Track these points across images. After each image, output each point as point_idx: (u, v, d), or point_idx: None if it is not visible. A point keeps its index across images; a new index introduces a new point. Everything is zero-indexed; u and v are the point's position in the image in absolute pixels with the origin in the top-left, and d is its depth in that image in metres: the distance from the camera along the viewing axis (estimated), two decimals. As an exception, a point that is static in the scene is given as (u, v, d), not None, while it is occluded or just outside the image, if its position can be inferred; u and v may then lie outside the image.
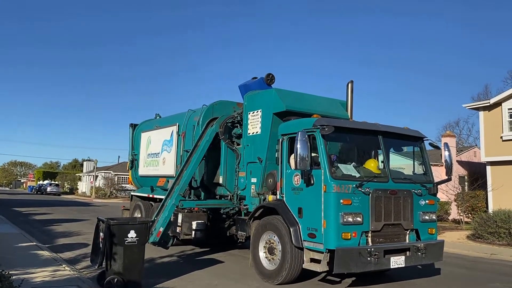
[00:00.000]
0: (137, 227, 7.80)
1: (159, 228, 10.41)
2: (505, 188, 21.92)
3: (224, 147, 10.94)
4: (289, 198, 8.75)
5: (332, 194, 7.89)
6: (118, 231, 7.61)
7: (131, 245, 7.68)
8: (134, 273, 7.71)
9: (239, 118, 11.13)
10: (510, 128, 22.62)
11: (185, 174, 11.01)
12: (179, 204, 10.81)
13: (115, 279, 7.50)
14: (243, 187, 10.51)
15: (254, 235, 9.49)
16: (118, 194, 59.17)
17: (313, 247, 8.19)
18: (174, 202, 10.70)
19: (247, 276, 9.58)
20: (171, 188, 11.13)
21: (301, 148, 7.95)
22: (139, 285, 7.79)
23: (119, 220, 8.17)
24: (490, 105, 23.54)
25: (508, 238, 15.80)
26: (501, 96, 23.26)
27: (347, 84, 10.30)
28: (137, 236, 7.72)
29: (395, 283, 9.30)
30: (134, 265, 7.71)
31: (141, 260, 7.89)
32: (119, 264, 7.57)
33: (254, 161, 10.17)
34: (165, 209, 10.76)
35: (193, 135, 12.07)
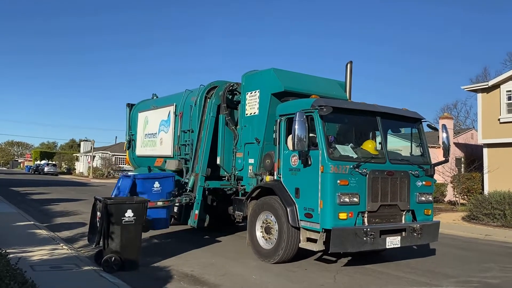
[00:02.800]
0: (134, 206, 7.80)
1: (195, 211, 10.60)
2: (501, 170, 22.02)
3: (222, 127, 10.89)
4: (286, 179, 8.76)
5: (329, 174, 7.91)
6: (115, 211, 7.62)
7: (128, 225, 7.69)
8: (131, 252, 7.76)
9: (236, 86, 11.06)
10: (508, 110, 22.61)
11: (200, 154, 11.01)
12: (205, 184, 10.84)
13: (113, 257, 7.55)
14: (241, 168, 10.52)
15: (251, 215, 9.53)
16: (115, 174, 59.21)
17: (309, 227, 8.24)
18: (200, 184, 10.77)
19: (243, 254, 9.66)
20: (192, 168, 11.21)
21: (299, 129, 7.94)
22: (136, 263, 7.84)
23: (116, 199, 8.17)
24: (488, 87, 23.47)
25: (502, 219, 16.07)
26: (500, 78, 23.21)
27: (346, 64, 10.24)
28: (134, 215, 7.73)
29: (390, 263, 9.39)
30: (131, 244, 7.75)
31: (138, 239, 7.92)
32: (116, 243, 7.62)
33: (251, 142, 10.15)
34: (196, 188, 10.84)
35: (191, 116, 12.01)
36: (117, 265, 7.54)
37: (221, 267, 8.57)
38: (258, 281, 7.68)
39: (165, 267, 8.29)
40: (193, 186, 11.03)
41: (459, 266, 9.44)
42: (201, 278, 7.62)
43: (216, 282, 7.42)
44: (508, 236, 13.85)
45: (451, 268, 9.18)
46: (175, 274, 7.76)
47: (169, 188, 9.98)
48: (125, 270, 7.59)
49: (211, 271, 8.13)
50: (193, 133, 11.83)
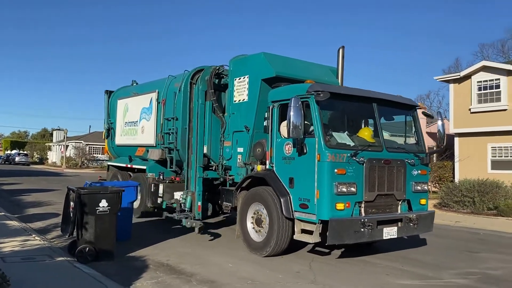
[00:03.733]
0: (108, 196, 7.58)
1: (198, 202, 9.94)
2: (471, 159, 22.17)
3: (208, 114, 10.23)
4: (280, 168, 8.21)
5: (326, 163, 7.40)
6: (89, 200, 7.40)
7: (103, 214, 7.49)
8: (106, 242, 7.55)
9: (223, 69, 10.44)
10: (478, 100, 22.70)
11: (194, 143, 10.34)
12: (204, 175, 10.21)
13: (87, 248, 7.33)
14: (229, 157, 9.91)
15: (241, 206, 8.96)
16: (90, 164, 57.66)
17: (305, 218, 7.73)
18: (199, 175, 10.12)
19: (220, 243, 9.54)
20: (188, 159, 10.56)
21: (294, 116, 7.39)
22: (111, 254, 7.62)
23: (90, 189, 7.86)
24: (460, 77, 23.59)
25: (472, 206, 16.54)
26: (471, 69, 23.31)
27: (338, 50, 9.71)
28: (108, 205, 7.53)
29: (384, 254, 8.99)
30: (106, 234, 7.55)
31: (113, 229, 7.69)
32: (90, 234, 7.42)
33: (240, 130, 9.55)
34: (191, 183, 10.28)
35: (175, 103, 11.30)
36: (91, 256, 7.33)
37: (197, 256, 8.36)
38: (234, 269, 7.51)
39: (141, 256, 8.08)
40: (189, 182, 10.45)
41: (454, 255, 9.10)
42: (177, 267, 7.44)
43: (192, 271, 7.24)
44: (477, 223, 14.10)
45: (433, 256, 8.85)
46: (151, 264, 7.57)
47: (130, 198, 9.48)
48: (100, 261, 7.36)
49: (187, 260, 7.93)
50: (178, 121, 11.15)
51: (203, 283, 6.56)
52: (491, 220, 14.79)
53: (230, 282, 6.64)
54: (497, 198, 16.25)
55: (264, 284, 6.61)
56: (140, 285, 6.36)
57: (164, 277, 6.78)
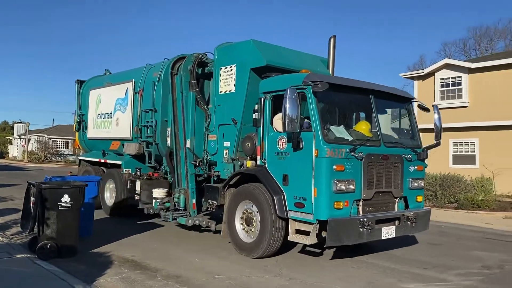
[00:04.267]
0: (71, 191, 7.33)
1: (192, 200, 9.42)
2: (434, 153, 22.29)
3: (192, 106, 9.56)
4: (272, 164, 7.65)
5: (324, 159, 6.89)
6: (50, 195, 7.14)
7: (65, 210, 7.25)
8: (69, 238, 7.32)
9: (206, 57, 9.81)
10: (441, 97, 22.98)
11: (181, 138, 9.72)
12: (195, 171, 9.61)
13: (48, 244, 7.11)
14: (214, 152, 9.28)
15: (229, 204, 8.36)
16: (53, 158, 55.66)
17: (300, 218, 7.21)
18: (191, 172, 9.56)
19: (187, 239, 9.31)
20: (176, 155, 9.91)
21: (291, 108, 6.84)
22: (74, 250, 7.42)
23: (52, 183, 7.62)
24: (424, 74, 24.03)
25: (434, 200, 17.03)
26: (434, 66, 23.79)
27: (329, 39, 9.21)
28: (71, 200, 7.28)
29: (378, 254, 8.56)
30: (68, 230, 7.31)
31: (76, 225, 7.46)
32: (52, 229, 7.18)
33: (227, 123, 8.94)
34: (182, 180, 9.71)
35: (153, 93, 10.60)
36: (53, 252, 7.12)
37: (163, 251, 8.19)
38: (201, 264, 7.38)
39: (105, 252, 7.89)
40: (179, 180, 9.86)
41: (449, 253, 8.79)
42: (143, 263, 7.28)
43: (158, 266, 7.09)
44: (439, 216, 14.09)
45: (427, 256, 8.52)
46: (116, 260, 7.39)
47: (92, 194, 8.95)
48: (62, 257, 7.14)
49: (153, 256, 7.75)
50: (157, 113, 10.48)
51: (169, 278, 6.43)
52: (452, 213, 15.03)
53: (196, 277, 6.55)
54: (457, 192, 16.80)
55: (231, 278, 6.54)
56: (103, 281, 6.15)
57: (129, 273, 6.62)
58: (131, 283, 6.15)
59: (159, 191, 10.42)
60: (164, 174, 10.96)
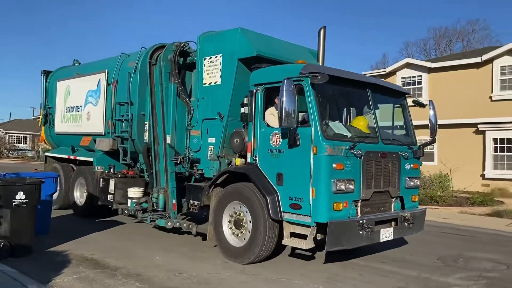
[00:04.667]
0: (26, 188, 7.04)
1: (173, 200, 8.80)
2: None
3: (173, 99, 8.88)
4: (265, 162, 7.10)
5: (324, 157, 6.39)
6: (4, 192, 6.86)
7: (20, 207, 6.97)
8: (24, 237, 7.06)
9: (188, 46, 9.16)
10: (402, 95, 23.32)
11: (160, 133, 9.06)
12: (176, 169, 8.94)
13: (1, 243, 6.85)
14: (197, 149, 8.64)
15: (216, 205, 7.76)
16: (10, 154, 53.20)
17: (296, 220, 6.69)
18: (171, 170, 8.89)
19: (149, 237, 9.05)
20: (154, 152, 9.22)
21: (287, 101, 6.30)
22: (29, 249, 7.16)
23: (6, 180, 7.31)
24: (386, 73, 24.38)
25: None
26: (396, 65, 24.28)
27: (319, 30, 8.73)
28: (26, 197, 7.01)
29: (371, 256, 8.14)
30: (23, 229, 7.04)
31: (31, 223, 7.19)
32: (5, 228, 6.91)
33: (212, 117, 8.32)
34: (161, 179, 9.03)
35: (129, 85, 9.84)
36: (6, 252, 6.85)
37: (124, 249, 7.98)
38: (162, 261, 7.21)
39: (63, 251, 7.62)
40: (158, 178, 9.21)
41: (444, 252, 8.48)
42: (102, 262, 7.07)
43: (118, 264, 6.91)
44: None
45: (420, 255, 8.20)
46: (74, 259, 7.15)
47: (49, 190, 8.66)
48: (17, 257, 6.89)
49: (113, 254, 7.54)
50: (133, 106, 9.74)
51: (129, 277, 6.26)
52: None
53: (157, 275, 6.42)
54: None
55: (192, 276, 6.44)
56: (60, 281, 5.93)
57: (87, 272, 6.42)
58: (89, 282, 5.95)
59: (135, 190, 9.74)
60: (140, 172, 10.24)
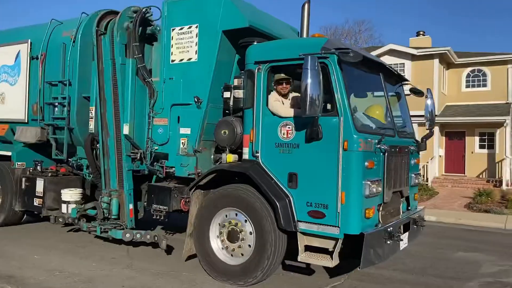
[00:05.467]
0: None
1: (129, 206, 7.10)
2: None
3: (131, 79, 7.06)
4: (271, 159, 5.71)
5: (356, 153, 5.21)
6: None
7: None
8: None
9: (150, 13, 7.34)
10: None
11: (110, 121, 7.18)
12: (134, 166, 7.14)
13: None
14: (164, 141, 6.95)
15: (199, 212, 6.19)
16: None
17: (317, 232, 5.42)
18: (128, 167, 7.08)
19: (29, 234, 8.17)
20: (102, 144, 7.26)
21: (314, 83, 4.99)
22: None
23: None
24: None
25: None
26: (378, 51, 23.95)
27: (303, 5, 7.35)
28: None
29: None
30: None
31: None
32: None
33: (185, 102, 6.70)
34: (113, 178, 7.21)
35: (64, 60, 7.76)
36: None
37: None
38: (41, 260, 6.66)
39: None
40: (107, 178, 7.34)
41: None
42: None
43: None
44: None
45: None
46: None
47: None
48: None
49: None
50: (72, 87, 7.71)
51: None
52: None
53: (33, 275, 5.89)
54: None
55: (74, 274, 5.99)
56: None
57: None
58: None
59: (71, 192, 7.82)
60: (78, 168, 8.22)
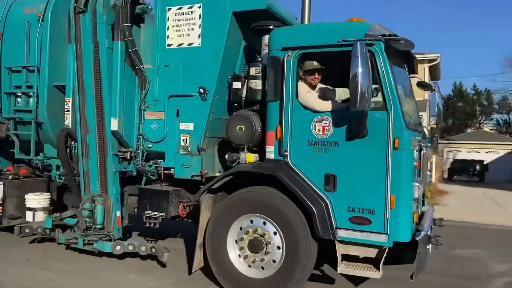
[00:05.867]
0: None
1: (116, 213, 6.07)
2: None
3: (120, 65, 6.01)
4: (304, 159, 5.03)
5: (407, 152, 4.75)
6: None
7: None
8: None
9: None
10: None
11: (91, 115, 6.10)
12: (121, 167, 6.12)
13: None
14: (159, 138, 6.02)
15: (216, 220, 5.37)
16: None
17: (360, 239, 4.84)
18: (115, 168, 6.01)
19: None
20: (82, 142, 6.12)
21: (365, 73, 4.39)
22: None
23: None
24: None
25: None
26: None
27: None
28: None
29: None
30: None
31: None
32: None
33: (186, 94, 5.83)
34: (94, 181, 6.15)
35: (29, 41, 6.52)
36: None
37: None
38: None
39: None
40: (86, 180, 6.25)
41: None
42: None
43: None
44: None
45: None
46: None
47: None
48: None
49: None
50: (42, 74, 6.54)
51: None
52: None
53: None
54: None
55: None
56: None
57: None
58: None
59: (37, 197, 6.72)
60: (43, 169, 7.01)
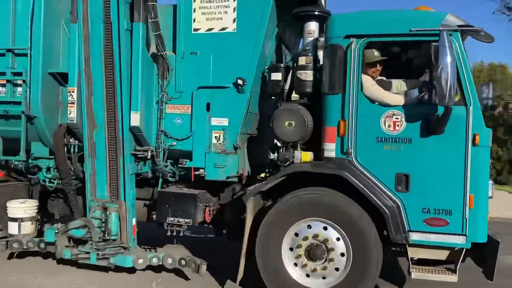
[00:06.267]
0: None
1: (132, 221, 5.18)
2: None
3: (141, 49, 5.16)
4: (372, 157, 4.60)
5: (486, 149, 4.57)
6: None
7: None
8: None
9: None
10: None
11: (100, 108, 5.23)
12: (138, 169, 5.23)
13: None
14: (185, 135, 5.28)
15: (267, 226, 4.74)
16: None
17: (434, 242, 4.53)
18: (132, 170, 5.09)
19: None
20: (88, 140, 5.16)
21: (453, 66, 4.12)
22: None
23: None
24: None
25: None
26: None
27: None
28: None
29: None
30: None
31: None
32: None
33: (219, 85, 5.17)
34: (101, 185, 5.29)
35: (15, 19, 5.45)
36: None
37: None
38: None
39: None
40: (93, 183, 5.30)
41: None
42: None
43: None
44: None
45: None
46: None
47: None
48: None
49: None
50: (35, 60, 5.50)
51: None
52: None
53: None
54: None
55: None
56: None
57: None
58: None
59: (23, 206, 5.79)
60: (26, 172, 5.91)
